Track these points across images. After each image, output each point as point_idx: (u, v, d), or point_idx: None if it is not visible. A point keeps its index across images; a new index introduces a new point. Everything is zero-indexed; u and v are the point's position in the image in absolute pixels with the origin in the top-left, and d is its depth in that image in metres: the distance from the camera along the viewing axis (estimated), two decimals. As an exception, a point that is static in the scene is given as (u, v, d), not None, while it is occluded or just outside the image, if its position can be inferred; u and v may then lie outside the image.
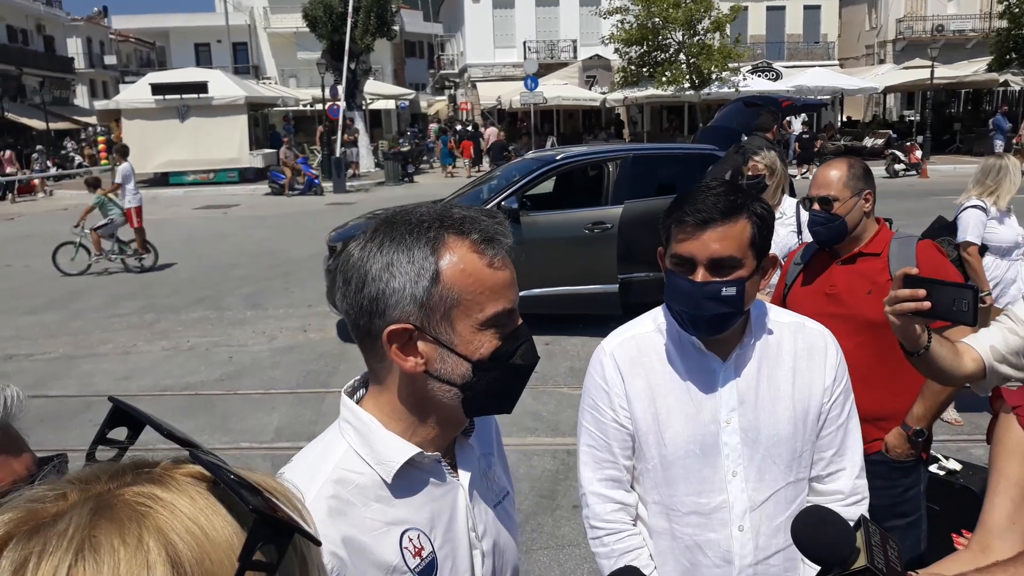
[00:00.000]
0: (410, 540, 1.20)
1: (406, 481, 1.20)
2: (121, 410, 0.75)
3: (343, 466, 1.19)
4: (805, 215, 5.12)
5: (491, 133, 29.39)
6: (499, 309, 1.17)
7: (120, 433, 0.75)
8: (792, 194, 6.22)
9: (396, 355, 1.15)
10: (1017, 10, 27.55)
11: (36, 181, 26.15)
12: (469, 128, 31.37)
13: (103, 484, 0.58)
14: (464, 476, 1.27)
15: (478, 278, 1.15)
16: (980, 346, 2.01)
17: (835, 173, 2.78)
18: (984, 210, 5.14)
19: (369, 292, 1.15)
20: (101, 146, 32.64)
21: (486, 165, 26.34)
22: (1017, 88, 29.33)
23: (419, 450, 1.20)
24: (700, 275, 1.68)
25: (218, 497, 0.59)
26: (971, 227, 5.14)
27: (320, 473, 1.18)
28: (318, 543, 0.64)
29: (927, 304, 1.77)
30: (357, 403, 1.25)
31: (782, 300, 2.90)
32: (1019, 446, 1.59)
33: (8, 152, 28.32)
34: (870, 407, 2.55)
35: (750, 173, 5.01)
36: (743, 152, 7.04)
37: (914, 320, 1.83)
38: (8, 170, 27.22)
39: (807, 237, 4.85)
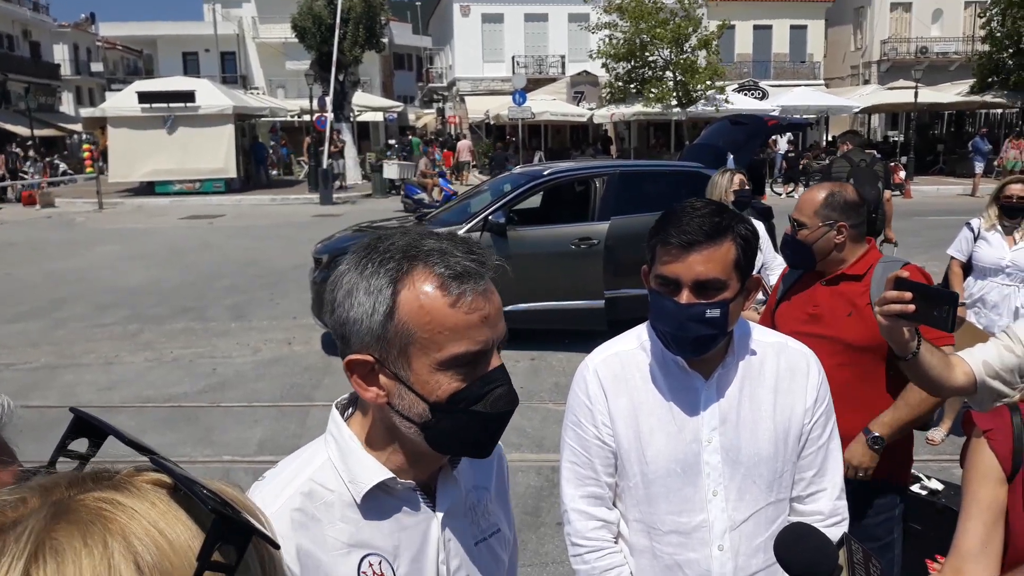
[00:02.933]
0: (370, 565, 1.17)
1: (376, 505, 1.18)
2: (83, 420, 0.75)
3: (317, 479, 1.18)
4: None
5: (463, 146, 31.15)
6: (460, 351, 1.10)
7: (82, 444, 0.75)
8: (764, 216, 6.30)
9: (357, 384, 1.14)
10: (999, 34, 27.96)
11: (35, 193, 25.04)
12: (455, 139, 33.64)
13: (63, 490, 0.59)
14: (441, 508, 1.24)
15: (436, 317, 1.09)
16: (973, 360, 2.03)
17: (812, 198, 2.75)
18: (971, 228, 5.29)
19: (337, 318, 1.14)
20: (87, 154, 32.42)
21: (475, 175, 27.66)
22: (999, 111, 29.75)
23: (392, 475, 1.18)
24: (685, 297, 1.69)
25: (178, 502, 0.60)
26: (954, 243, 5.43)
27: (293, 483, 1.18)
28: (276, 546, 0.64)
29: (911, 307, 1.80)
30: (346, 419, 1.25)
31: (771, 316, 2.91)
32: (991, 470, 1.61)
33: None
34: (847, 428, 2.56)
35: (736, 189, 5.05)
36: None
37: (900, 323, 1.86)
38: None
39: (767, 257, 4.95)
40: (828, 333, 2.62)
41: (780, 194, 22.95)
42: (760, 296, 4.81)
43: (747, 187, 5.06)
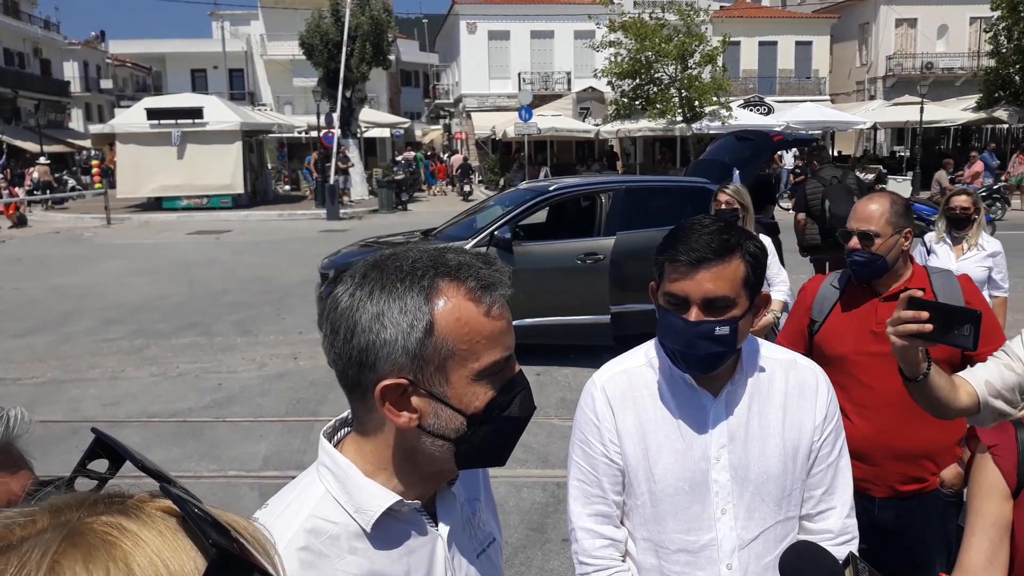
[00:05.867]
0: None
1: (383, 531, 1.16)
2: (103, 441, 0.75)
3: (318, 514, 1.15)
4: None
5: (456, 159, 33.99)
6: (496, 358, 1.12)
7: (102, 464, 0.75)
8: (770, 232, 6.25)
9: (389, 412, 1.11)
10: (1005, 50, 28.00)
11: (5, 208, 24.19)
12: (455, 154, 36.74)
13: (74, 512, 0.58)
14: (444, 526, 1.23)
15: (474, 327, 1.10)
16: (975, 380, 2.02)
17: (877, 208, 2.69)
18: (924, 242, 5.54)
19: (359, 343, 1.10)
20: (95, 170, 32.62)
21: (482, 190, 29.25)
22: (1005, 126, 29.74)
23: (399, 498, 1.16)
24: (694, 314, 1.68)
25: (187, 533, 0.59)
26: None
27: (294, 521, 1.14)
28: None
29: (929, 327, 1.78)
30: (337, 445, 1.21)
31: (811, 336, 2.84)
32: (995, 486, 1.60)
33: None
34: (921, 444, 2.61)
35: (722, 207, 4.96)
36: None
37: (916, 343, 1.84)
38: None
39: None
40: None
41: (787, 208, 22.92)
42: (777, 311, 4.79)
43: (733, 207, 4.91)
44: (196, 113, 25.40)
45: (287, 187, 33.56)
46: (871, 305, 2.74)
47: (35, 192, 27.19)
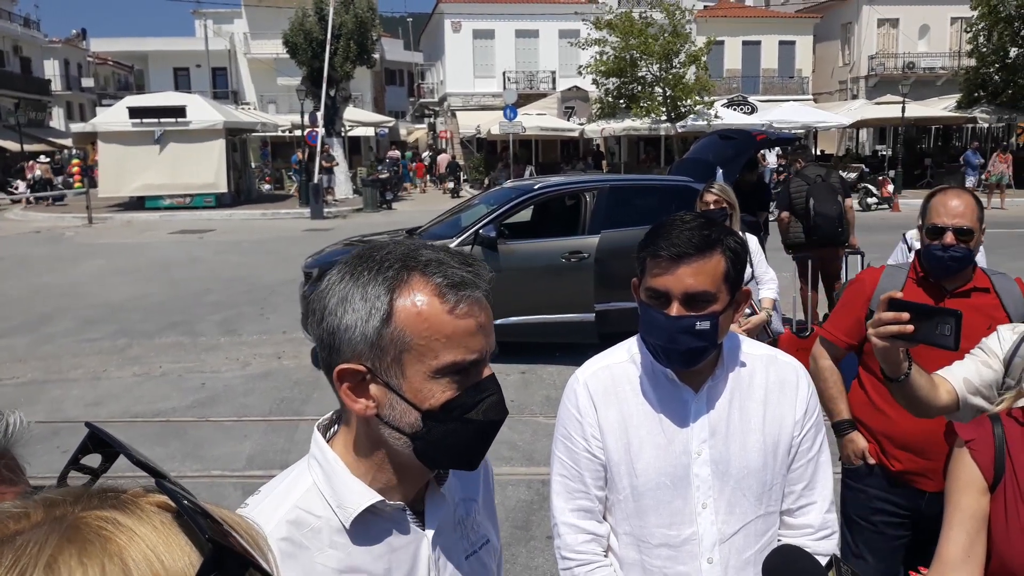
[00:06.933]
0: None
1: (365, 528, 1.17)
2: (96, 436, 0.74)
3: (302, 505, 1.16)
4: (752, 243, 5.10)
5: (444, 158, 35.20)
6: (456, 359, 1.11)
7: (95, 459, 0.75)
8: (754, 230, 6.24)
9: (346, 395, 1.13)
10: (985, 49, 28.27)
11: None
12: (442, 153, 37.71)
13: (68, 506, 0.58)
14: (430, 526, 1.23)
15: (434, 324, 1.09)
16: (954, 378, 2.05)
17: (964, 204, 2.64)
18: (905, 240, 5.52)
19: (327, 326, 1.13)
20: (75, 169, 32.33)
21: (467, 189, 29.39)
22: (985, 125, 30.03)
23: (380, 498, 1.16)
24: (675, 309, 1.69)
25: (182, 528, 0.59)
26: (892, 255, 5.66)
27: (278, 510, 1.15)
28: None
29: (910, 328, 1.80)
30: (329, 439, 1.22)
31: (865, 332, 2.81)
32: (973, 480, 1.63)
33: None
34: None
35: (710, 207, 4.95)
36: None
37: (897, 344, 1.86)
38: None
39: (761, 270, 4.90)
40: (972, 348, 2.58)
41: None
42: (747, 310, 4.80)
43: (722, 206, 4.88)
44: (179, 112, 25.21)
45: (268, 186, 33.43)
46: (943, 303, 2.68)
47: (38, 188, 27.13)
